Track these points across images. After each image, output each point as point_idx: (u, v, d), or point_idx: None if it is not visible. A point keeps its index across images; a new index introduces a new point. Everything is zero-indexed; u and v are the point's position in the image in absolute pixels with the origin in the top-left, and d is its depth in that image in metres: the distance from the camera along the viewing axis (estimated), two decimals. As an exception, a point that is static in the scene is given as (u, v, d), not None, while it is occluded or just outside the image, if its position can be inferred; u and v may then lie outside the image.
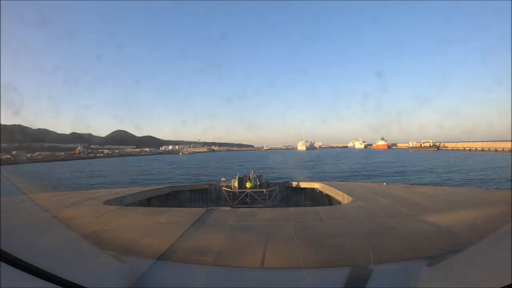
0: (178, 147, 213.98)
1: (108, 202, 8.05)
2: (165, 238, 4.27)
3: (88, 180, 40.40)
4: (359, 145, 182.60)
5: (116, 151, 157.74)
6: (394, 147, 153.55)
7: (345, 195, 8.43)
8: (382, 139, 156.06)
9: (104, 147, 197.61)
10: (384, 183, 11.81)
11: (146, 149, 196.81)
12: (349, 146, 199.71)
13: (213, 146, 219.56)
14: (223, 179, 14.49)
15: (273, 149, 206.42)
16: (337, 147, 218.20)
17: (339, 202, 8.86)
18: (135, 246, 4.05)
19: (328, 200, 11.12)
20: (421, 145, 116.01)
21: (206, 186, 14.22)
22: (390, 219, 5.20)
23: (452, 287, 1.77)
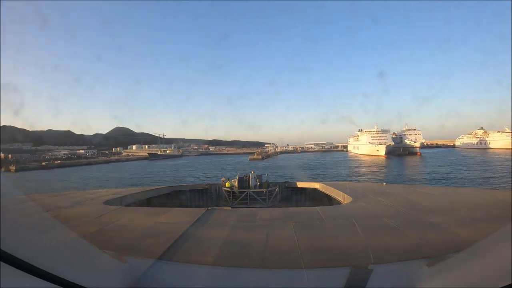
0: (145, 147, 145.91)
1: (108, 202, 8.07)
2: (165, 238, 4.26)
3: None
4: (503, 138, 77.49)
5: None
6: None
7: (345, 195, 8.43)
8: None
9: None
10: (384, 183, 11.88)
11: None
12: (456, 144, 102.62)
13: (159, 150, 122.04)
14: (223, 179, 14.52)
15: (294, 152, 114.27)
16: (442, 145, 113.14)
17: (339, 202, 8.85)
18: (135, 246, 4.06)
19: (328, 200, 11.12)
20: None
21: (206, 186, 14.24)
22: (390, 219, 5.20)
23: (452, 287, 1.77)
